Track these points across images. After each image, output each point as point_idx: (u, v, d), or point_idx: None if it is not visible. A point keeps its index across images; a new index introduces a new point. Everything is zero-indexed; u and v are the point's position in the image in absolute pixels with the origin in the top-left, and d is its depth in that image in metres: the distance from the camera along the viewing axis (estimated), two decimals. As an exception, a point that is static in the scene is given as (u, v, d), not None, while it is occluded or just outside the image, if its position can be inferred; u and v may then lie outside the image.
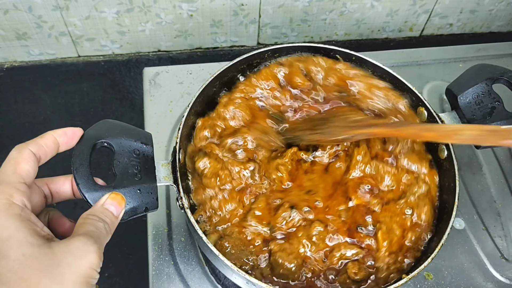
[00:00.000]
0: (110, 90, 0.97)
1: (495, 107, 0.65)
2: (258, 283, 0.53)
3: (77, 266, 0.40)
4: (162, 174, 0.56)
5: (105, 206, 0.47)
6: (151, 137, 0.56)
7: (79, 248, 0.41)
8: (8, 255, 0.39)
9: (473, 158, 0.85)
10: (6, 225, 0.40)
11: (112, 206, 0.48)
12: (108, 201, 0.48)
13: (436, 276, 0.72)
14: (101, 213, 0.46)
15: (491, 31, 1.12)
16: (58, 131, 0.49)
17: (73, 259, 0.40)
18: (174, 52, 1.02)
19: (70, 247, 0.41)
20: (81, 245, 0.41)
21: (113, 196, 0.48)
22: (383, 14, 1.01)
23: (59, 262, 0.39)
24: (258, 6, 0.94)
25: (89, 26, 0.92)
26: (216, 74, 0.67)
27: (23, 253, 0.39)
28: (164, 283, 0.68)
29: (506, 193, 0.81)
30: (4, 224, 0.40)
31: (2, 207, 0.41)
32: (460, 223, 0.77)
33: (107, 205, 0.47)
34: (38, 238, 0.41)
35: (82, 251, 0.41)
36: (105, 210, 0.47)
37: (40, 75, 0.97)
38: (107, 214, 0.47)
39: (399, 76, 0.69)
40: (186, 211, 0.56)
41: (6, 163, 0.45)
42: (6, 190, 0.42)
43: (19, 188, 0.43)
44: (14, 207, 0.41)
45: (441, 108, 0.90)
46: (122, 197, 0.49)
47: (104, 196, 0.48)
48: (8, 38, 0.92)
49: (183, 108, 0.77)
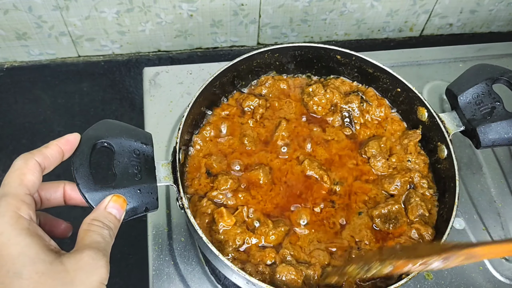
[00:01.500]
0: (110, 90, 0.97)
1: (495, 107, 0.65)
2: (258, 283, 0.53)
3: (89, 283, 0.40)
4: (162, 174, 0.56)
5: (108, 209, 0.47)
6: (151, 137, 0.56)
7: (89, 265, 0.41)
8: (21, 273, 0.38)
9: (473, 158, 0.85)
10: (16, 241, 0.39)
11: (114, 209, 0.47)
12: (110, 204, 0.47)
13: (436, 276, 0.72)
14: (105, 218, 0.46)
15: (491, 31, 1.12)
16: (61, 140, 0.48)
17: (85, 275, 0.40)
18: (174, 52, 1.02)
19: (80, 264, 0.40)
20: (91, 261, 0.41)
21: (115, 199, 0.48)
22: (383, 14, 1.01)
23: (72, 280, 0.39)
24: (258, 6, 0.94)
25: (89, 26, 0.92)
26: (216, 74, 0.67)
27: (36, 271, 0.38)
28: (164, 283, 0.68)
29: (506, 193, 0.81)
30: (14, 240, 0.39)
31: (10, 220, 0.40)
32: (460, 223, 0.77)
33: (109, 209, 0.47)
34: (49, 253, 0.40)
35: (93, 267, 0.41)
36: (109, 214, 0.47)
37: (40, 75, 0.97)
38: (111, 219, 0.46)
39: (399, 76, 0.69)
40: (186, 211, 0.56)
41: (12, 173, 0.44)
42: (13, 203, 0.41)
43: (26, 201, 0.42)
44: (22, 220, 0.40)
45: (441, 108, 0.90)
46: (124, 199, 0.49)
47: (106, 198, 0.48)
48: (8, 38, 0.92)
49: (183, 108, 0.77)
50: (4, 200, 0.41)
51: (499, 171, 0.84)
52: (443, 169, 0.66)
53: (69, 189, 0.50)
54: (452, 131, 0.66)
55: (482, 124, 0.64)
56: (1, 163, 0.86)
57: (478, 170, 0.83)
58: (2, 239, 0.39)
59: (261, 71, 0.75)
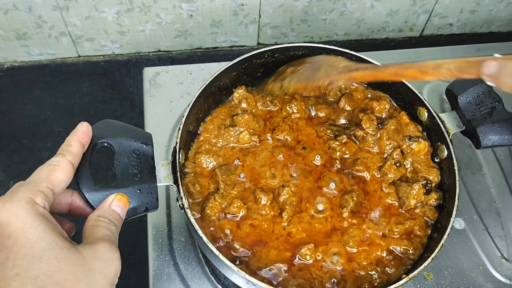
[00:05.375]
0: (110, 90, 0.97)
1: (495, 107, 0.65)
2: (258, 283, 0.53)
3: (106, 273, 0.40)
4: (162, 174, 0.56)
5: (112, 207, 0.47)
6: (151, 137, 0.56)
7: (106, 255, 0.41)
8: (40, 257, 0.37)
9: (473, 158, 0.85)
10: (33, 225, 0.39)
11: (118, 208, 0.47)
12: (115, 202, 0.47)
13: (436, 276, 0.72)
14: (111, 215, 0.46)
15: (491, 31, 1.12)
16: (78, 134, 0.48)
17: (103, 265, 0.40)
18: (174, 52, 1.02)
19: (97, 254, 0.40)
20: (107, 252, 0.41)
21: (119, 197, 0.48)
22: (383, 14, 1.01)
23: (91, 268, 0.39)
24: (258, 6, 0.94)
25: (89, 26, 0.92)
26: (216, 74, 0.67)
27: (55, 256, 0.38)
28: (164, 283, 0.68)
29: (506, 193, 0.81)
30: (31, 224, 0.39)
31: (26, 205, 0.39)
32: (460, 223, 0.77)
33: (114, 207, 0.47)
34: (65, 240, 0.40)
35: (109, 258, 0.41)
36: (114, 212, 0.47)
37: (40, 75, 0.97)
38: (115, 217, 0.46)
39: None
40: (186, 211, 0.56)
41: (44, 167, 0.44)
42: (31, 190, 0.41)
43: (44, 192, 0.42)
44: (37, 207, 0.40)
45: (441, 108, 0.90)
46: (128, 199, 0.49)
47: (110, 196, 0.48)
48: (8, 38, 0.92)
49: (183, 108, 0.77)
50: (23, 187, 0.41)
51: (499, 171, 0.84)
52: (443, 169, 0.66)
53: (77, 199, 0.50)
54: (452, 131, 0.66)
55: (482, 124, 0.64)
56: (1, 163, 0.86)
57: (478, 170, 0.83)
58: (19, 223, 0.38)
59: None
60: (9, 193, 0.41)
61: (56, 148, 0.47)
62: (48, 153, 0.88)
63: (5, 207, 0.39)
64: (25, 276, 0.36)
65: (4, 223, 0.38)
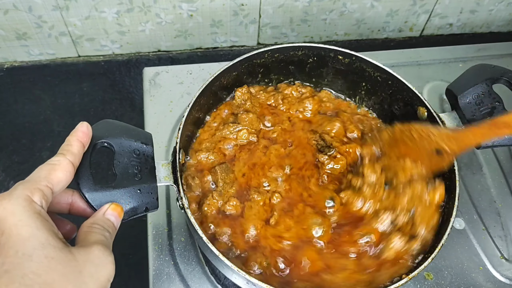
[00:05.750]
0: (110, 90, 0.97)
1: (495, 107, 0.65)
2: (258, 283, 0.53)
3: (97, 277, 0.40)
4: (162, 174, 0.56)
5: (106, 216, 0.47)
6: (151, 137, 0.56)
7: (99, 258, 0.41)
8: (30, 255, 0.37)
9: (473, 158, 0.85)
10: (27, 222, 0.39)
11: (112, 217, 0.48)
12: (109, 211, 0.48)
13: (436, 276, 0.72)
14: (104, 223, 0.46)
15: (491, 31, 1.12)
16: (78, 134, 0.48)
17: (95, 269, 0.40)
18: (174, 52, 1.02)
19: (90, 256, 0.40)
20: (101, 255, 0.41)
21: (113, 206, 0.48)
22: (383, 14, 1.01)
23: (82, 270, 0.39)
24: (258, 6, 0.94)
25: (89, 26, 0.92)
26: (216, 74, 0.67)
27: (45, 255, 0.38)
28: (164, 283, 0.68)
29: (506, 193, 0.81)
30: (26, 222, 0.39)
31: (23, 202, 0.39)
32: (460, 223, 0.77)
33: (108, 215, 0.47)
34: (58, 240, 0.40)
35: (102, 261, 0.41)
36: (107, 220, 0.47)
37: (40, 75, 0.97)
38: (109, 225, 0.46)
39: (399, 76, 0.69)
40: (186, 211, 0.56)
41: (44, 166, 0.44)
42: (29, 188, 0.41)
43: (43, 190, 0.42)
44: (34, 205, 0.40)
45: (441, 108, 0.90)
46: (122, 208, 0.49)
47: (105, 205, 0.48)
48: (8, 38, 0.92)
49: (183, 108, 0.77)
50: (22, 185, 0.41)
51: (499, 171, 0.84)
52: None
53: (77, 199, 0.50)
54: (452, 131, 0.66)
55: (482, 124, 0.64)
56: (1, 163, 0.86)
57: (478, 170, 0.83)
58: (14, 219, 0.38)
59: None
60: (8, 191, 0.41)
61: (56, 148, 0.47)
62: (48, 153, 0.88)
63: (2, 204, 0.39)
64: (14, 274, 0.36)
65: (0, 219, 0.38)
